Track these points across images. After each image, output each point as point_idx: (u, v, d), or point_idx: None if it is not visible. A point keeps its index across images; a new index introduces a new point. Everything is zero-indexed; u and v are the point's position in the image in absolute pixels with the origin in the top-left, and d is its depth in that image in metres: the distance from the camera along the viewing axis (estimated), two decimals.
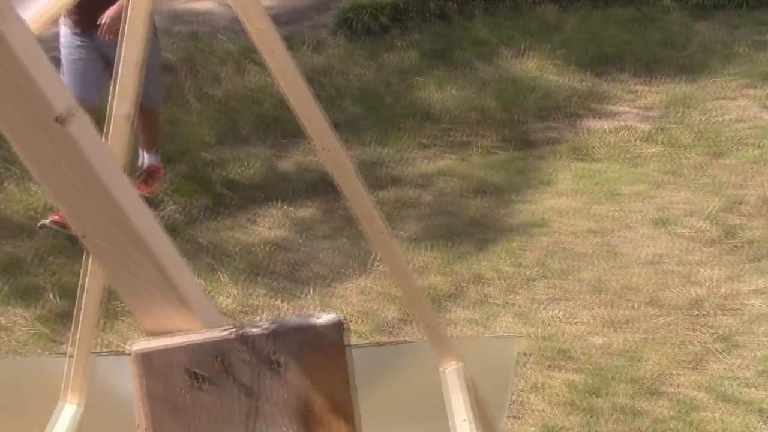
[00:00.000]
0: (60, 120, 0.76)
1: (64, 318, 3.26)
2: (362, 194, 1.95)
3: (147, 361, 0.82)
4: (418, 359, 2.23)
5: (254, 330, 0.84)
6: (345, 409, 0.86)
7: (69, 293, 3.35)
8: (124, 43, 1.71)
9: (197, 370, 0.82)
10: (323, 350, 0.84)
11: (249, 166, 4.63)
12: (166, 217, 4.15)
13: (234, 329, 0.84)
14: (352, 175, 1.93)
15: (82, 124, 0.78)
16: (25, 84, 0.74)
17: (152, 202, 4.24)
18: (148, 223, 0.82)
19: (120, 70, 1.72)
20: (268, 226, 4.14)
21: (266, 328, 0.84)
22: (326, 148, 1.85)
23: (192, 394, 0.82)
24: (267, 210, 4.27)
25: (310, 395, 0.84)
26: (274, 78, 1.72)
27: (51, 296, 3.47)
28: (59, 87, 0.77)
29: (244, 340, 0.83)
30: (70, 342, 1.92)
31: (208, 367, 0.83)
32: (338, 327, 0.85)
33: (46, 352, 3.19)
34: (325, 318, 0.85)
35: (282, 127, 4.89)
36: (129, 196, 0.80)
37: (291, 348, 0.83)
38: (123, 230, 0.79)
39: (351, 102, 5.46)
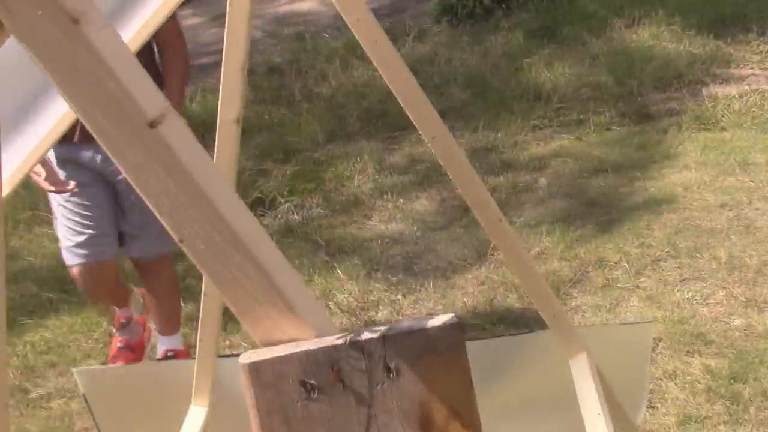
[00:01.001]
0: (152, 124, 0.73)
1: (196, 322, 3.34)
2: (475, 182, 1.87)
3: (257, 372, 0.77)
4: (544, 350, 2.12)
5: (367, 335, 0.78)
6: (465, 414, 0.79)
7: (197, 297, 3.43)
8: (225, 46, 1.70)
9: (310, 381, 0.78)
10: (439, 353, 0.78)
11: (360, 161, 4.62)
12: (281, 217, 4.20)
13: (346, 335, 0.78)
14: (464, 162, 1.86)
15: (174, 126, 0.74)
16: (115, 89, 0.72)
17: (267, 203, 4.31)
18: (248, 226, 0.78)
19: (223, 75, 1.71)
20: (382, 220, 4.11)
21: (379, 333, 0.78)
22: (435, 137, 1.79)
23: (306, 406, 0.77)
24: (381, 204, 4.24)
25: (428, 401, 0.78)
26: (378, 69, 1.67)
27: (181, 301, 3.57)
28: (150, 89, 0.74)
29: (356, 346, 0.77)
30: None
31: (321, 377, 0.78)
32: (454, 328, 0.78)
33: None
34: (439, 319, 0.79)
35: (391, 120, 4.86)
36: (227, 197, 0.76)
37: (406, 353, 0.77)
38: (222, 233, 0.75)
39: (458, 89, 5.36)
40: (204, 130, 3.91)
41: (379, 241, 3.87)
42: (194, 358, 1.98)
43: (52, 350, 3.41)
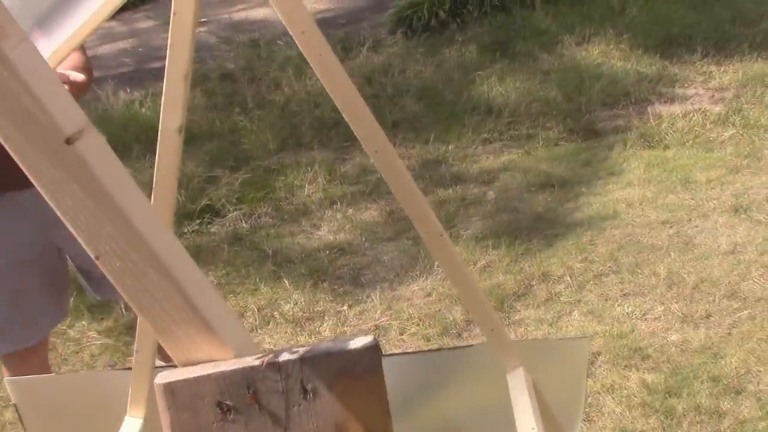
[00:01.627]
0: (69, 140, 0.72)
1: (134, 331, 3.29)
2: (416, 196, 1.88)
3: (173, 392, 0.77)
4: (482, 364, 2.14)
5: (285, 357, 0.78)
6: None
7: None
8: (169, 52, 1.68)
9: (227, 402, 0.77)
10: (357, 376, 0.78)
11: (311, 170, 4.61)
12: (229, 225, 4.17)
13: (264, 356, 0.78)
14: (405, 176, 1.87)
15: (92, 142, 0.74)
16: (31, 105, 0.71)
17: (215, 211, 4.28)
18: (166, 243, 0.77)
19: (166, 82, 1.70)
20: (331, 230, 4.11)
21: (297, 355, 0.78)
22: (378, 151, 1.80)
23: (222, 427, 0.77)
24: (330, 214, 4.24)
25: (344, 423, 0.78)
26: (322, 82, 1.67)
27: (121, 309, 3.52)
28: (68, 104, 0.73)
29: (274, 367, 0.78)
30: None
31: (238, 398, 0.77)
32: (372, 351, 0.79)
33: (118, 365, 3.23)
34: (358, 342, 0.79)
35: (343, 130, 4.86)
36: (145, 214, 0.76)
37: (323, 375, 0.78)
38: (139, 251, 0.75)
39: (411, 100, 5.39)
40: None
41: (327, 252, 3.87)
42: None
43: None
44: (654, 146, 4.57)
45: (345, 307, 3.45)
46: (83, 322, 3.51)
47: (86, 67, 2.17)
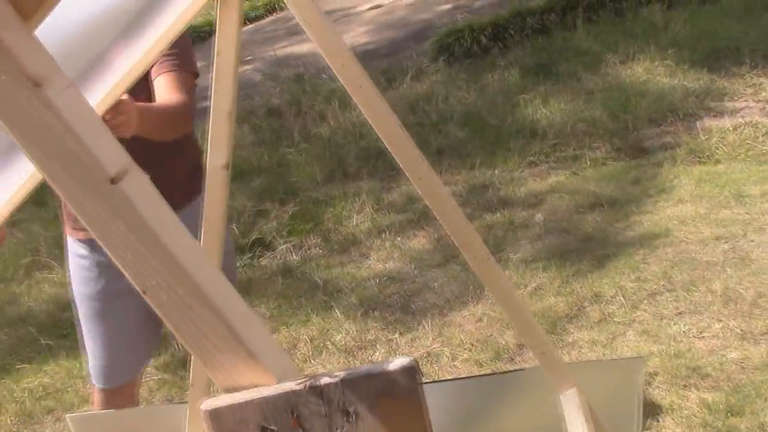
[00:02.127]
0: (113, 180, 0.76)
1: (189, 365, 3.35)
2: (460, 221, 1.90)
3: (218, 418, 0.79)
4: (534, 387, 2.13)
5: (326, 380, 0.80)
6: None
7: None
8: (212, 92, 1.74)
9: (270, 426, 0.79)
10: (396, 397, 0.79)
11: (358, 200, 4.65)
12: (280, 258, 4.22)
13: (305, 381, 0.80)
14: (449, 202, 1.89)
15: (136, 182, 0.77)
16: (75, 147, 0.75)
17: (266, 244, 4.34)
18: (210, 276, 0.80)
19: (211, 120, 1.75)
20: (380, 259, 4.14)
21: (337, 378, 0.80)
22: (421, 178, 1.82)
23: None
24: (378, 243, 4.27)
25: None
26: (363, 112, 1.71)
27: (177, 345, 3.59)
28: (111, 146, 0.77)
29: (315, 391, 0.79)
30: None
31: (282, 422, 0.79)
32: (410, 371, 0.80)
33: (175, 400, 3.29)
34: (396, 363, 0.80)
35: (388, 159, 4.89)
36: (187, 248, 0.79)
37: (363, 396, 0.79)
38: (182, 284, 0.78)
39: (455, 126, 5.41)
40: None
41: (377, 280, 3.89)
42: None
43: (50, 395, 3.42)
44: (705, 161, 4.49)
45: (396, 335, 3.45)
46: None
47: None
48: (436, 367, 3.20)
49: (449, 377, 3.01)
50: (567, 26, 6.55)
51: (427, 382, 2.28)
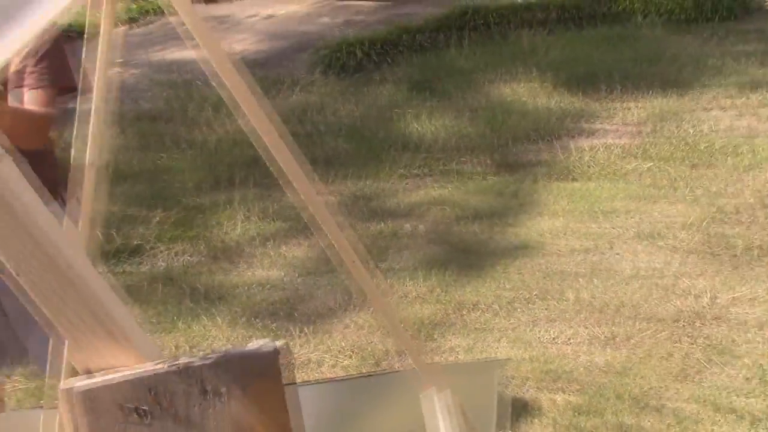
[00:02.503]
0: None
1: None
2: (331, 225, 1.94)
3: (76, 397, 0.80)
4: (405, 388, 2.19)
5: (186, 360, 0.82)
6: None
7: None
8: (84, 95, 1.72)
9: (131, 405, 0.81)
10: (261, 378, 0.82)
11: (242, 208, 4.63)
12: (159, 265, 4.15)
13: (166, 360, 0.82)
14: (323, 209, 1.93)
15: (8, 168, 0.78)
16: None
17: (144, 251, 4.25)
18: (75, 260, 0.81)
19: (77, 119, 1.73)
20: (263, 267, 4.13)
21: (202, 359, 0.82)
22: (296, 184, 1.85)
23: (124, 430, 0.80)
24: (262, 251, 4.26)
25: (247, 425, 0.82)
26: (234, 114, 1.73)
27: None
28: None
29: (179, 372, 0.81)
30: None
31: (141, 402, 0.81)
32: (273, 354, 0.83)
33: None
34: (258, 345, 0.84)
35: (264, 169, 4.90)
36: (54, 232, 0.80)
37: (225, 377, 0.82)
38: (51, 269, 0.78)
39: (341, 138, 5.48)
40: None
41: (260, 288, 3.89)
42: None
43: None
44: (575, 178, 4.75)
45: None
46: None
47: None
48: (317, 374, 3.23)
49: (319, 379, 3.04)
50: (452, 45, 6.77)
51: (296, 384, 2.31)
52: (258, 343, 0.84)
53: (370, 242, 4.16)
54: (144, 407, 0.81)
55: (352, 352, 3.36)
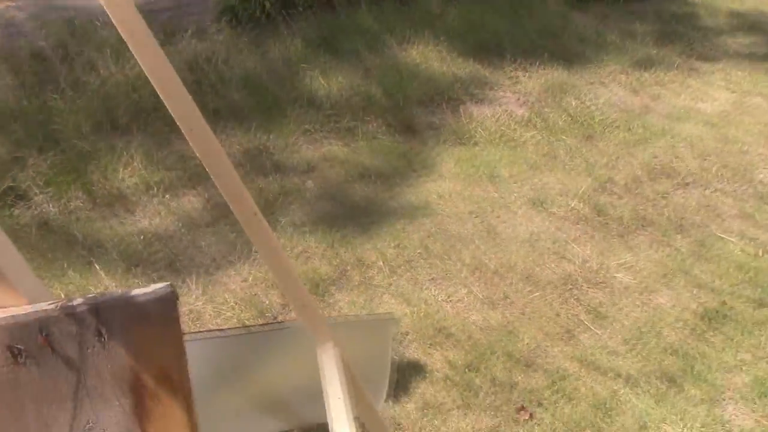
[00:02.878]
0: None
1: None
2: (231, 175, 1.92)
3: None
4: (296, 342, 2.22)
5: (79, 302, 0.81)
6: (176, 379, 0.85)
7: None
8: None
9: (18, 346, 0.79)
10: (151, 320, 0.82)
11: (126, 155, 4.48)
12: (36, 209, 3.97)
13: (57, 302, 0.81)
14: (220, 155, 1.90)
15: None
16: None
17: (20, 194, 4.06)
18: None
19: None
20: (146, 215, 4.03)
21: (92, 301, 0.81)
22: (193, 129, 1.82)
23: (12, 370, 0.79)
24: (146, 200, 4.15)
25: (140, 368, 0.83)
26: (139, 63, 1.67)
27: None
28: None
29: (68, 313, 0.80)
30: None
31: (30, 342, 0.79)
32: (167, 298, 0.83)
33: None
34: (153, 289, 0.84)
35: (162, 115, 4.76)
36: None
37: (118, 321, 0.81)
38: None
39: (235, 89, 5.37)
40: None
41: (142, 237, 3.79)
42: None
43: None
44: (465, 143, 4.86)
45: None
46: None
47: None
48: (199, 324, 3.20)
49: (213, 329, 3.03)
50: (352, 4, 6.72)
51: (190, 333, 2.29)
52: (152, 287, 0.84)
53: (270, 197, 4.14)
54: (33, 350, 0.79)
55: (236, 303, 3.35)
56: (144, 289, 0.84)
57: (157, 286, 0.85)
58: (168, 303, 0.83)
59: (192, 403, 0.87)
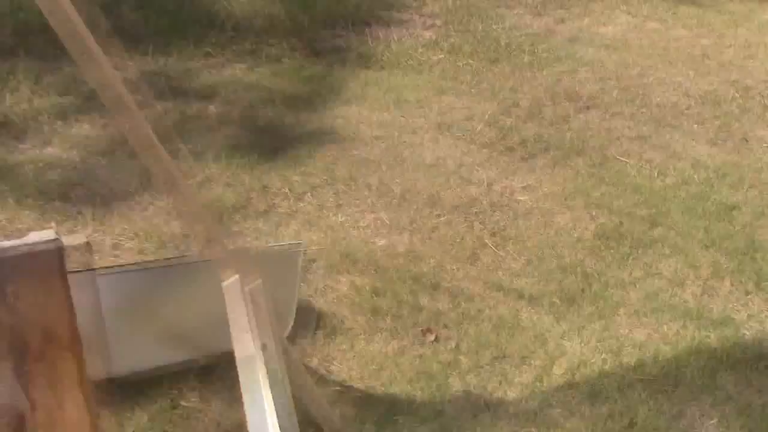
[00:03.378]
0: None
1: None
2: (126, 101, 1.83)
3: None
4: (202, 274, 2.16)
5: None
6: (64, 336, 0.79)
7: None
8: None
9: None
10: (35, 275, 0.76)
11: (13, 79, 4.21)
12: None
13: None
14: (114, 79, 1.80)
15: None
16: None
17: None
18: None
19: None
20: (36, 144, 3.81)
21: None
22: (83, 53, 1.72)
23: None
24: (35, 127, 3.92)
25: (26, 328, 0.77)
26: None
27: None
28: None
29: None
30: None
31: None
32: (53, 251, 0.77)
33: None
34: (34, 241, 0.77)
35: (50, 38, 4.45)
36: None
37: (7, 273, 0.75)
38: None
39: (129, 8, 5.09)
40: None
41: (32, 166, 3.60)
42: None
43: None
44: (371, 67, 4.79)
45: (53, 224, 3.25)
46: None
47: None
48: (97, 257, 3.09)
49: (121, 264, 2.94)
50: None
51: (99, 269, 2.19)
52: (37, 236, 0.78)
53: (171, 123, 3.98)
54: None
55: (135, 234, 3.24)
56: (23, 240, 0.77)
57: (40, 236, 0.78)
58: (54, 256, 0.77)
59: (83, 363, 0.82)
